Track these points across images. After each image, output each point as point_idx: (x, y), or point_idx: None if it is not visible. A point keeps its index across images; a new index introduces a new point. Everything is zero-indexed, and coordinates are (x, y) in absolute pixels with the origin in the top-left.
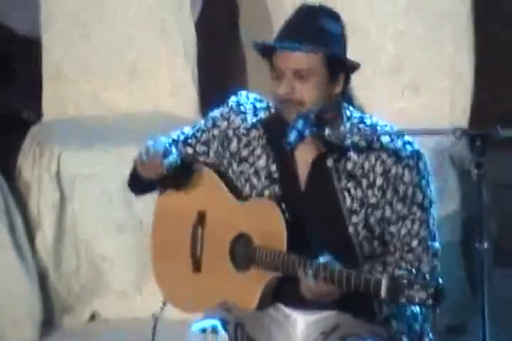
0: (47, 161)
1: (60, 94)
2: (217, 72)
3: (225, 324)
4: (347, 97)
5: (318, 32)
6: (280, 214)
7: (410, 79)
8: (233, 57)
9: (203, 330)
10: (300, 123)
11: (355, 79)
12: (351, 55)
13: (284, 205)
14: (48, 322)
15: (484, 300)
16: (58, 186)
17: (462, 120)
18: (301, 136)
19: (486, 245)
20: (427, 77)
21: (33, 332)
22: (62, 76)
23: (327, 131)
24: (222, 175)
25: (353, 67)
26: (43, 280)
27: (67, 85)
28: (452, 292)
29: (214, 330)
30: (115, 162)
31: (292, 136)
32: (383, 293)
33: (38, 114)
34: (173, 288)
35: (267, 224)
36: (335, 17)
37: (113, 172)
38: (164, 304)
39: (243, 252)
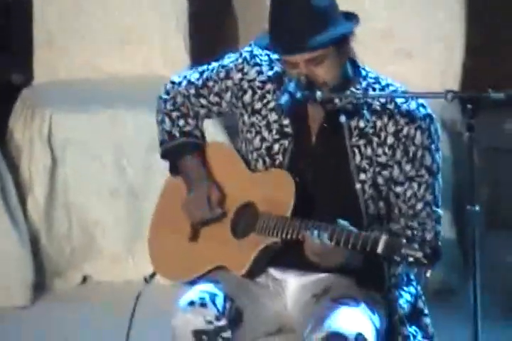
0: (38, 124)
1: (51, 58)
2: (209, 36)
3: (213, 297)
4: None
5: (317, 21)
6: (292, 183)
7: (402, 44)
8: (225, 22)
9: (191, 303)
10: (291, 86)
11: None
12: None
13: (293, 161)
14: (40, 285)
15: (475, 264)
16: (50, 149)
17: (453, 84)
18: (292, 99)
19: (477, 208)
20: (419, 42)
21: (25, 296)
22: (54, 40)
23: (318, 94)
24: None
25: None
26: (34, 244)
27: (58, 49)
28: (444, 256)
29: (202, 303)
30: (107, 125)
31: (283, 99)
32: (380, 248)
33: (29, 77)
34: (164, 257)
35: (276, 192)
36: None
37: (105, 136)
38: (152, 276)
39: (246, 220)
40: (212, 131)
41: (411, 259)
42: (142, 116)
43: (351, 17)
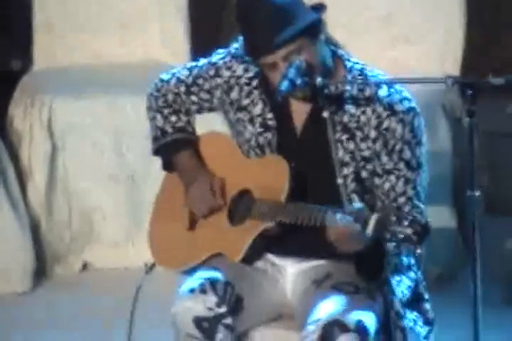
0: (38, 111)
1: (50, 45)
2: (209, 24)
3: (213, 283)
4: (327, 40)
5: (280, 19)
6: (286, 168)
7: (402, 30)
8: (224, 9)
9: (192, 290)
10: (292, 72)
11: (348, 28)
12: (345, 7)
13: (280, 153)
14: (40, 272)
15: (475, 250)
16: (50, 136)
17: (454, 70)
18: (293, 85)
19: (477, 193)
20: (418, 28)
21: (25, 283)
22: (53, 26)
23: (319, 80)
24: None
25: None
26: (34, 230)
27: (58, 36)
28: (443, 242)
29: (202, 290)
30: (106, 111)
31: (284, 85)
32: (371, 227)
33: (28, 63)
34: (163, 246)
35: (271, 178)
36: None
37: (104, 122)
38: (152, 267)
39: (242, 207)
40: (212, 120)
41: (401, 236)
42: (142, 102)
43: (319, 8)
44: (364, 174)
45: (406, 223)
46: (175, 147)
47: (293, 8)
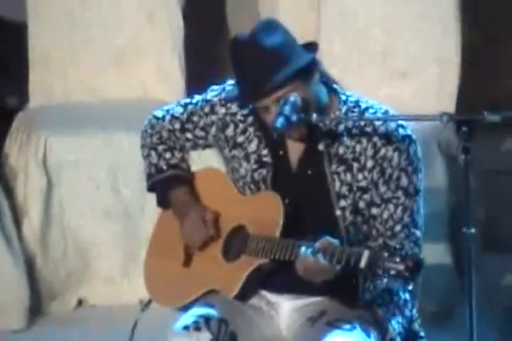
0: (34, 147)
1: (46, 81)
2: (204, 59)
3: (208, 320)
4: (322, 75)
5: (271, 63)
6: (280, 204)
7: (398, 66)
8: (220, 45)
9: (186, 327)
10: (287, 109)
11: (344, 65)
12: (341, 43)
13: (275, 189)
14: (35, 308)
15: (471, 287)
16: (45, 172)
17: (449, 106)
18: (288, 122)
19: (473, 230)
20: (415, 64)
21: (21, 319)
22: (49, 62)
23: (314, 116)
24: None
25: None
26: (30, 266)
27: (54, 72)
28: (439, 278)
29: (197, 327)
30: (102, 148)
31: (279, 122)
32: (363, 263)
33: (24, 100)
34: (159, 283)
35: (265, 213)
36: (270, 28)
37: (100, 159)
38: (148, 303)
39: (237, 243)
40: (208, 156)
41: (393, 272)
42: (138, 139)
43: (311, 47)
44: (361, 204)
45: (398, 259)
46: (169, 184)
47: (284, 50)
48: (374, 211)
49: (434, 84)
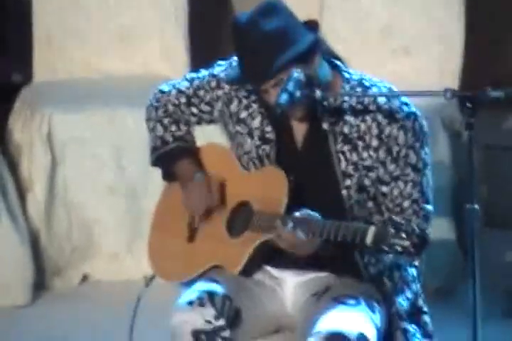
0: (38, 124)
1: (51, 58)
2: (208, 36)
3: (212, 296)
4: (325, 52)
5: (272, 47)
6: (284, 180)
7: (401, 43)
8: (224, 23)
9: (190, 303)
10: (291, 85)
11: (348, 43)
12: (344, 20)
13: (280, 166)
14: (40, 285)
15: (474, 263)
16: (49, 149)
17: (453, 83)
18: (292, 98)
19: (476, 206)
20: (418, 41)
21: (25, 296)
22: (53, 40)
23: (318, 93)
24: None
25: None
26: (34, 243)
27: (57, 50)
28: (443, 255)
29: (201, 303)
30: (106, 124)
31: (283, 98)
32: (369, 239)
33: (28, 76)
34: (163, 259)
35: (270, 190)
36: (271, 9)
37: (105, 135)
38: (151, 279)
39: (241, 219)
40: (211, 132)
41: (399, 248)
42: (142, 115)
43: (312, 26)
44: (367, 182)
45: (404, 235)
46: (175, 155)
47: (286, 33)
48: (384, 189)
49: (437, 62)
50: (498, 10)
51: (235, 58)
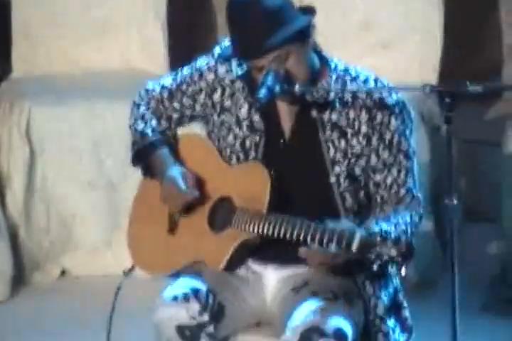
0: (17, 117)
1: (29, 52)
2: (187, 29)
3: (196, 292)
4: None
5: (270, 23)
6: (267, 178)
7: (380, 36)
8: (203, 15)
9: (175, 298)
10: (270, 80)
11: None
12: (323, 15)
13: (267, 156)
14: (18, 279)
15: (454, 257)
16: (28, 142)
17: (432, 77)
18: (271, 93)
19: (455, 201)
20: (397, 34)
21: (4, 290)
22: (32, 34)
23: (297, 87)
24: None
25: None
26: (13, 237)
27: (36, 43)
28: (422, 250)
29: (186, 298)
30: (85, 118)
31: (262, 93)
32: (355, 246)
33: (7, 70)
34: (143, 250)
35: (252, 186)
36: None
37: (83, 129)
38: (131, 269)
39: (223, 214)
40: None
41: (385, 258)
42: (120, 109)
43: (309, 10)
44: (357, 171)
45: (390, 244)
46: (153, 148)
47: (284, 12)
48: (377, 177)
49: (417, 56)
50: (477, 2)
51: (218, 48)
